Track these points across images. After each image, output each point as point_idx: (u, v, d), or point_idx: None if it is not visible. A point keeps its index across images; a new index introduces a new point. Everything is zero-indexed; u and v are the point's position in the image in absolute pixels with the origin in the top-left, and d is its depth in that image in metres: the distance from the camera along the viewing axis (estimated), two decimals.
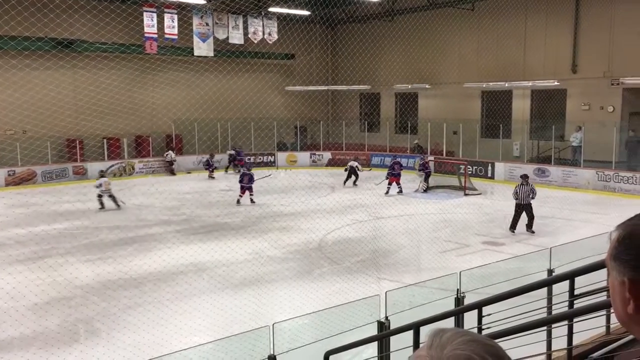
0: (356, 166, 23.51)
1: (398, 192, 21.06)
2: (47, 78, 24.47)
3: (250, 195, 19.39)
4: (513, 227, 14.94)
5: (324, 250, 13.62)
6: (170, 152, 27.52)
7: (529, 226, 14.86)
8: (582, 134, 23.02)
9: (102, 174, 19.62)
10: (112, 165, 26.09)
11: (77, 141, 25.77)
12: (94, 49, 25.69)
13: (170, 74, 28.05)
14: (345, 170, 23.75)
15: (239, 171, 23.12)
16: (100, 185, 18.43)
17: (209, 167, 26.44)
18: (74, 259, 12.60)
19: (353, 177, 23.36)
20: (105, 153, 26.57)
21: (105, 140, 26.48)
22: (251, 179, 19.49)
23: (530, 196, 14.81)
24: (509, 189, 22.23)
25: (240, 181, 19.71)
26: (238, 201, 19.34)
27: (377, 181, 22.42)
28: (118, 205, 18.38)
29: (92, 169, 25.59)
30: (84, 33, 24.59)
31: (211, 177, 26.06)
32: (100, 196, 18.26)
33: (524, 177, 15.46)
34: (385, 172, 22.53)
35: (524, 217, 14.94)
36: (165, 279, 11.33)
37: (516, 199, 14.93)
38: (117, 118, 25.85)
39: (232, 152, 28.19)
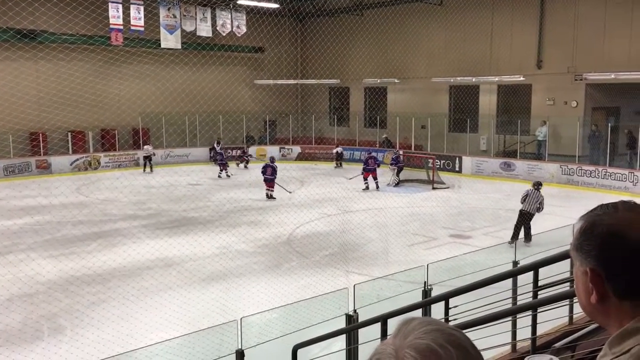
0: (341, 151, 26.37)
1: (376, 188, 21.03)
2: (8, 69, 23.81)
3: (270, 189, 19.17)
4: (515, 237, 12.57)
5: (293, 245, 13.60)
6: (147, 146, 26.37)
7: (528, 237, 12.73)
8: (547, 129, 23.48)
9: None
10: (77, 159, 25.54)
11: (41, 134, 25.14)
12: (58, 40, 25.04)
13: (137, 66, 27.54)
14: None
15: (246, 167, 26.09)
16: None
17: (222, 159, 24.60)
18: (36, 255, 12.30)
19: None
20: (70, 147, 25.99)
21: (69, 134, 25.88)
22: (274, 172, 19.21)
23: (537, 207, 12.96)
24: (475, 183, 22.67)
25: (264, 173, 19.39)
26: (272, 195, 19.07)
27: (349, 175, 22.48)
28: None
29: (56, 163, 25.03)
30: (46, 23, 23.95)
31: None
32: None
33: (538, 184, 13.62)
34: (359, 166, 22.62)
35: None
36: (131, 274, 11.15)
37: (522, 202, 13.09)
38: (82, 111, 25.28)
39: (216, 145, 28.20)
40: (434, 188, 21.41)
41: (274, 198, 18.89)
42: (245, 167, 27.08)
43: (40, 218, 15.89)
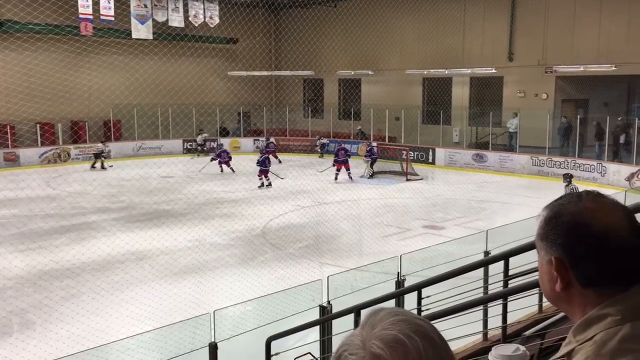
0: (327, 142, 27.56)
1: (349, 179, 21.11)
2: None
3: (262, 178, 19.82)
4: None
5: (267, 237, 13.57)
6: (100, 144, 24.94)
7: None
8: (518, 121, 23.80)
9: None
10: (46, 152, 25.03)
11: (8, 126, 24.55)
12: (25, 29, 24.42)
13: (108, 56, 27.07)
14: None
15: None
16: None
17: (219, 155, 23.30)
18: (2, 250, 12.04)
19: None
20: (39, 139, 25.45)
21: (38, 126, 25.33)
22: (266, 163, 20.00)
23: None
24: (448, 174, 22.89)
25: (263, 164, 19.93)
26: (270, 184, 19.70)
27: (320, 168, 22.49)
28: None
29: (24, 155, 24.48)
30: (14, 14, 23.32)
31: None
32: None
33: (568, 176, 13.82)
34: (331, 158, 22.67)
35: None
36: (102, 268, 11.00)
37: None
38: (50, 102, 24.73)
39: (206, 135, 27.78)
40: (407, 180, 21.56)
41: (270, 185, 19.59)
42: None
43: (7, 212, 15.56)
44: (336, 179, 21.02)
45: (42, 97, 24.32)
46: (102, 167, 24.00)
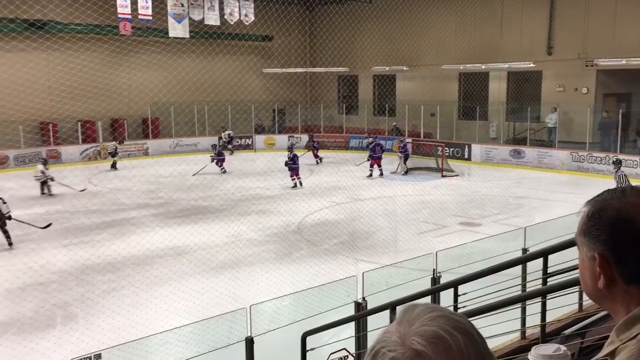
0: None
1: (379, 175, 21.07)
2: (19, 60, 23.90)
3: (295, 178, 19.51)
4: None
5: (302, 233, 13.63)
6: (113, 142, 24.81)
7: None
8: (557, 116, 23.29)
9: (43, 161, 19.28)
10: (87, 149, 25.67)
11: (51, 124, 25.28)
12: (67, 30, 25.09)
13: (146, 55, 27.55)
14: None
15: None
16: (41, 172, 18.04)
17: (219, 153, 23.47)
18: (47, 244, 12.42)
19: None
20: (80, 136, 26.11)
21: (79, 124, 26.00)
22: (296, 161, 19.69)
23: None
24: (485, 170, 22.57)
25: (292, 163, 19.62)
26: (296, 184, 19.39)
27: (357, 162, 22.46)
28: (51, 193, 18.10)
29: (66, 152, 25.17)
30: (56, 14, 23.98)
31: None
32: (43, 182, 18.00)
33: (618, 162, 14.39)
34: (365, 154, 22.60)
35: None
36: (142, 263, 11.24)
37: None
38: (91, 101, 25.36)
39: (230, 132, 28.05)
40: (443, 176, 21.34)
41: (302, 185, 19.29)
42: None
43: (51, 208, 16.02)
44: (371, 175, 20.96)
45: (83, 95, 24.96)
46: (113, 167, 23.64)
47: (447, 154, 23.39)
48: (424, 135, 27.25)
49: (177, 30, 24.57)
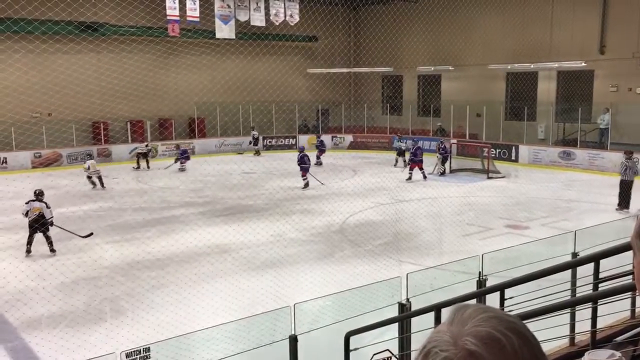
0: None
1: (423, 179, 20.65)
2: (72, 61, 24.74)
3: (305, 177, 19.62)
4: (622, 204, 15.00)
5: (345, 233, 13.65)
6: (143, 143, 24.98)
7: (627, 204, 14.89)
8: (610, 116, 22.56)
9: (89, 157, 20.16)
10: (136, 148, 26.35)
11: (102, 124, 26.07)
12: (118, 31, 25.85)
13: (193, 56, 28.12)
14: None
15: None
16: (89, 167, 19.21)
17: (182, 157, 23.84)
18: (99, 240, 12.82)
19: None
20: (129, 135, 26.85)
21: (129, 123, 26.73)
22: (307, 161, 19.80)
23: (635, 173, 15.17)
24: (533, 172, 22.08)
25: (302, 163, 19.68)
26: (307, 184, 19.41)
27: (399, 164, 22.30)
28: (103, 186, 19.07)
29: (116, 151, 25.91)
30: (107, 15, 24.75)
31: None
32: (89, 177, 19.07)
33: (629, 153, 15.62)
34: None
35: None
36: (188, 260, 11.48)
37: (622, 173, 15.33)
38: (140, 101, 26.06)
39: (255, 133, 28.22)
40: (489, 177, 20.98)
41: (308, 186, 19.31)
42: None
43: (103, 204, 16.52)
44: (410, 178, 20.55)
45: (133, 95, 25.67)
46: (148, 167, 23.87)
47: (493, 155, 22.97)
48: (470, 136, 26.84)
49: (224, 31, 24.96)
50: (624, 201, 14.92)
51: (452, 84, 30.04)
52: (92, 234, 12.70)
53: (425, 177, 20.70)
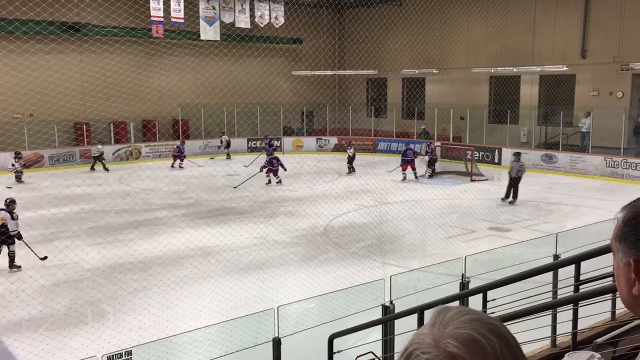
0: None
1: (414, 179, 20.94)
2: (54, 61, 24.47)
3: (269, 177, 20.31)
4: (506, 196, 17.31)
5: (330, 235, 13.65)
6: (99, 145, 24.56)
7: (515, 197, 17.21)
8: (591, 120, 22.85)
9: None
10: (119, 149, 26.14)
11: (84, 125, 25.81)
12: (101, 32, 25.62)
13: (177, 58, 27.98)
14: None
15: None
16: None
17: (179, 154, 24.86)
18: (80, 242, 12.68)
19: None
20: (112, 137, 26.61)
21: (112, 124, 26.50)
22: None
23: (518, 172, 17.16)
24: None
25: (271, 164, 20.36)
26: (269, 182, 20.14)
27: (389, 168, 22.39)
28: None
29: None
30: (90, 15, 24.53)
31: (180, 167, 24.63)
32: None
33: (517, 154, 17.90)
34: (397, 157, 22.51)
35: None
36: (171, 262, 11.39)
37: (509, 172, 17.52)
38: (124, 102, 25.84)
39: (225, 137, 28.03)
40: (472, 180, 21.13)
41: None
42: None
43: (85, 206, 16.34)
44: (404, 178, 20.86)
45: (116, 96, 25.46)
46: (105, 169, 23.54)
47: (476, 157, 23.14)
48: (453, 139, 27.01)
49: (208, 33, 24.88)
50: (510, 194, 17.21)
51: (436, 87, 30.22)
52: (46, 257, 11.27)
53: (416, 177, 20.92)
